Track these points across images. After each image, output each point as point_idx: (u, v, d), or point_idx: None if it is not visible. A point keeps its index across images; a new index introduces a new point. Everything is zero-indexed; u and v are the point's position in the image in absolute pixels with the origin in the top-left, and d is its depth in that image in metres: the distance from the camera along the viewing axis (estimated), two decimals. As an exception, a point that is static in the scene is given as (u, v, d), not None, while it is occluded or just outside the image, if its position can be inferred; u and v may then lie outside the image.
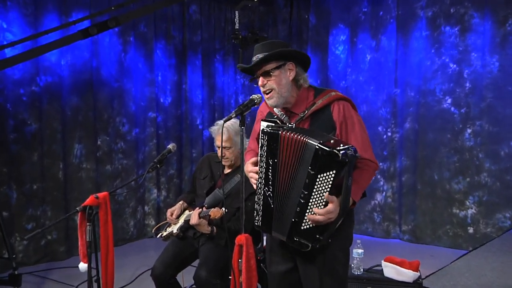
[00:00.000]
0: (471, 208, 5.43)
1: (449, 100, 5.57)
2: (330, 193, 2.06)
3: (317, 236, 2.13)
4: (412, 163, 5.87)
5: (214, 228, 3.23)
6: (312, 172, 2.06)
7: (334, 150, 1.98)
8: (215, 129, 3.42)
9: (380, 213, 6.14)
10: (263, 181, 2.26)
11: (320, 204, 2.08)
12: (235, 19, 6.11)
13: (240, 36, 6.06)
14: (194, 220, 3.17)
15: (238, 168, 3.42)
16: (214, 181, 3.48)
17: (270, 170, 2.23)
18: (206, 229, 3.21)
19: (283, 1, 6.94)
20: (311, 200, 2.10)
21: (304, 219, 2.13)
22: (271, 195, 2.24)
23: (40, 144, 4.90)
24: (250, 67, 2.36)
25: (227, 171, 3.46)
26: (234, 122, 3.30)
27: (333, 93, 2.36)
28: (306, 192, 2.09)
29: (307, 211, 2.11)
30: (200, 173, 3.59)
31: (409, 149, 5.90)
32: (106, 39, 5.46)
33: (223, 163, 3.39)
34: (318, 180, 2.06)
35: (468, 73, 5.42)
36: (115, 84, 5.61)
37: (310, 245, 2.15)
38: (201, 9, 6.53)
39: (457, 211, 5.53)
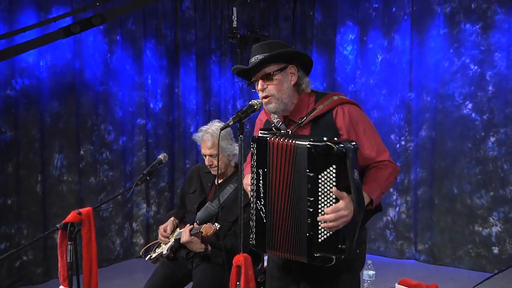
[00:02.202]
0: (496, 226, 5.39)
1: (470, 105, 5.56)
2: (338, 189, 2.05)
3: (339, 246, 2.09)
4: (428, 175, 5.85)
5: (209, 246, 3.21)
6: (311, 175, 2.05)
7: (328, 143, 2.01)
8: (199, 136, 3.43)
9: (393, 230, 6.11)
10: (254, 194, 2.25)
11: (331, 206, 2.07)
12: (233, 16, 6.14)
13: (238, 35, 6.09)
14: (185, 237, 3.16)
15: (230, 177, 3.43)
16: (205, 194, 3.48)
17: (261, 181, 2.22)
18: (199, 247, 3.19)
19: (286, -4, 6.97)
20: (319, 206, 2.07)
21: (319, 229, 2.09)
22: (263, 209, 2.23)
23: (16, 153, 4.87)
24: (249, 68, 2.35)
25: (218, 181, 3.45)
26: (219, 127, 3.32)
27: (335, 97, 2.36)
28: (312, 199, 2.07)
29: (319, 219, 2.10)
30: (189, 187, 3.59)
31: (425, 159, 5.88)
32: (90, 38, 5.45)
33: (212, 172, 3.42)
34: (320, 181, 2.05)
35: (491, 75, 5.41)
36: (100, 87, 5.60)
37: (334, 257, 2.09)
38: (196, 5, 6.54)
39: (480, 228, 5.49)
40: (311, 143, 2.05)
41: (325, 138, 2.05)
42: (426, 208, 5.86)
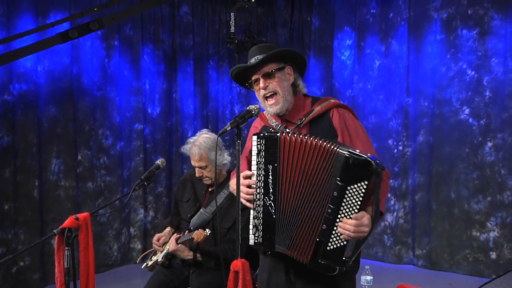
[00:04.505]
0: (493, 231, 5.40)
1: (467, 111, 5.57)
2: (361, 207, 2.06)
3: (344, 258, 2.11)
4: (426, 180, 5.85)
5: (198, 253, 3.20)
6: (341, 184, 2.05)
7: (368, 159, 2.01)
8: (186, 148, 3.41)
9: (391, 235, 6.10)
10: (262, 191, 2.26)
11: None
12: (231, 22, 6.16)
13: (236, 40, 6.10)
14: (171, 246, 3.16)
15: (223, 183, 3.41)
16: (199, 202, 3.46)
17: (270, 177, 2.23)
18: (187, 254, 3.20)
19: (284, 2, 6.98)
20: (339, 216, 2.08)
21: (331, 237, 2.10)
22: (272, 204, 2.23)
23: (13, 159, 4.86)
24: (251, 66, 2.39)
25: (210, 188, 3.46)
26: (207, 138, 3.33)
27: (332, 100, 2.45)
28: (333, 207, 2.08)
29: (335, 228, 2.10)
30: (182, 195, 3.57)
31: (422, 164, 5.88)
32: (88, 43, 5.45)
33: (204, 182, 3.41)
34: (348, 192, 2.06)
35: (488, 81, 5.43)
36: (98, 92, 5.60)
37: (337, 268, 2.12)
38: (193, 10, 6.55)
39: (478, 233, 5.49)
40: (350, 153, 2.04)
41: (357, 151, 2.05)
42: (423, 213, 5.86)
